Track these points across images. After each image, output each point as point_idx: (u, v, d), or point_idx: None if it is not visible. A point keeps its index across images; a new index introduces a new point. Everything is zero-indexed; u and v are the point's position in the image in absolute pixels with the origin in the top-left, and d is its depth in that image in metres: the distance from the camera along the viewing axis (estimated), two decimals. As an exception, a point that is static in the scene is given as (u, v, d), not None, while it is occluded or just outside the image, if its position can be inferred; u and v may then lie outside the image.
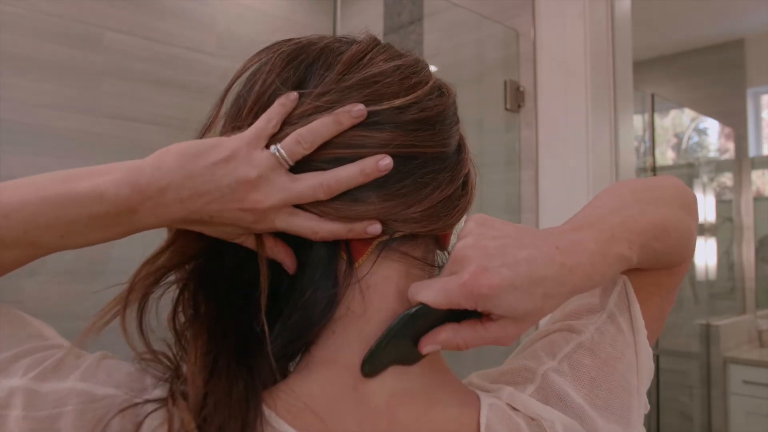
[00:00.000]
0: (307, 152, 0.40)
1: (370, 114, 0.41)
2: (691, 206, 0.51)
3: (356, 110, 0.40)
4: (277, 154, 0.39)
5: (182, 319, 0.43)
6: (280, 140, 0.40)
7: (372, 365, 0.40)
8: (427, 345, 0.40)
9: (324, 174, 0.40)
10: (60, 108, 1.15)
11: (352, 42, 0.45)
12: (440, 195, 0.43)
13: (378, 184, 0.41)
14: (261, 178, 0.39)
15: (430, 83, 0.44)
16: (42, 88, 1.13)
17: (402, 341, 0.40)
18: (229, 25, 1.44)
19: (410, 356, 0.41)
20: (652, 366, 0.49)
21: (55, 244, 0.39)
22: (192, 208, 0.38)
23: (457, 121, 0.47)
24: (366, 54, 0.43)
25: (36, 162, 1.12)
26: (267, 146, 0.40)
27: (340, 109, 0.40)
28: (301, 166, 0.40)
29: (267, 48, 0.45)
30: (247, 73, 0.45)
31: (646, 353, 0.48)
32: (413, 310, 0.40)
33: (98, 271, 1.09)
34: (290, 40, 0.45)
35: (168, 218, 0.39)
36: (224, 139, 0.39)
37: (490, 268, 0.37)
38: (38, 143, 1.12)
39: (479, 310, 0.38)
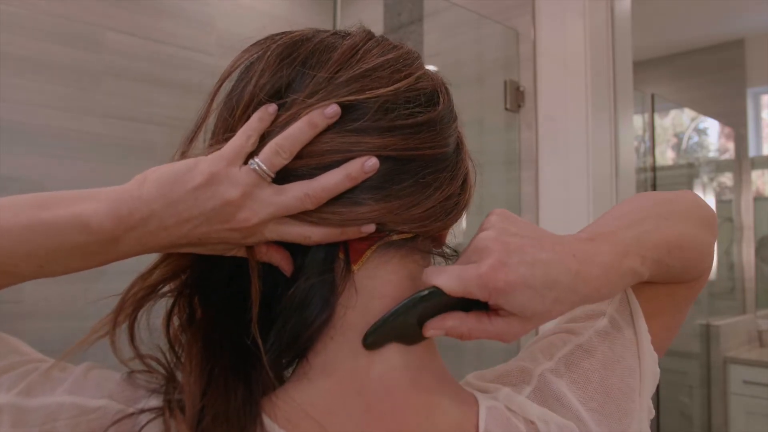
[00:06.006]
0: (288, 161, 0.38)
1: (358, 112, 0.39)
2: (710, 222, 0.51)
3: (329, 110, 0.39)
4: (257, 168, 0.38)
5: (176, 323, 0.42)
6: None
7: (375, 338, 0.40)
8: (432, 329, 0.40)
9: (309, 183, 0.38)
10: (60, 108, 1.15)
11: (345, 36, 0.43)
12: (441, 195, 0.42)
13: (378, 186, 0.40)
14: (245, 196, 0.37)
15: (417, 74, 0.43)
16: (42, 88, 1.13)
17: (407, 320, 0.40)
18: (228, 25, 1.44)
19: (412, 337, 0.41)
20: (657, 371, 0.48)
21: (33, 273, 0.38)
22: (178, 234, 0.38)
23: (455, 119, 0.46)
24: (358, 50, 0.42)
25: (36, 162, 1.11)
26: (245, 161, 0.38)
27: (313, 111, 0.39)
28: (291, 175, 0.39)
29: (258, 43, 0.44)
30: (240, 69, 0.43)
31: (650, 357, 0.48)
32: (425, 292, 0.40)
33: (100, 270, 1.09)
34: (283, 34, 0.44)
35: (154, 245, 0.38)
36: (201, 160, 0.38)
37: (509, 263, 0.37)
38: (38, 143, 1.12)
39: (491, 303, 0.39)
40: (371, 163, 0.39)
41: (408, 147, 0.40)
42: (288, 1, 1.76)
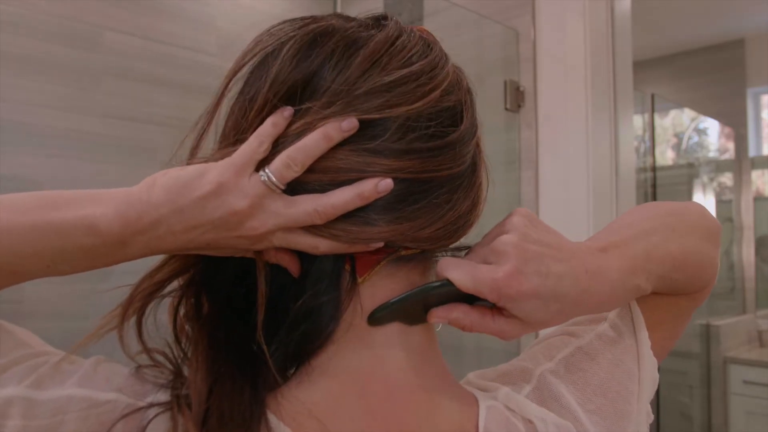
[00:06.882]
0: (299, 174, 0.37)
1: (376, 129, 0.38)
2: (715, 235, 0.51)
3: (346, 124, 0.37)
4: (267, 180, 0.37)
5: (182, 312, 0.42)
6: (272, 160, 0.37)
7: (380, 315, 0.41)
8: (436, 316, 0.41)
9: (320, 198, 0.37)
10: (60, 108, 1.15)
11: (372, 29, 0.41)
12: (453, 215, 0.41)
13: (390, 207, 0.39)
14: (253, 207, 0.37)
15: (442, 86, 0.41)
16: (42, 88, 1.13)
17: (415, 305, 0.41)
18: (229, 25, 1.44)
19: (416, 319, 0.42)
20: (656, 376, 0.49)
21: (40, 272, 0.38)
22: (185, 239, 0.37)
23: (476, 131, 0.44)
24: (382, 55, 0.40)
25: (36, 162, 1.11)
26: (257, 169, 0.38)
27: (329, 124, 0.37)
28: (302, 189, 0.38)
29: (273, 33, 0.41)
30: (253, 62, 0.41)
31: (650, 363, 0.48)
32: (437, 284, 0.40)
33: (104, 271, 1.09)
34: (303, 23, 0.41)
35: (162, 249, 0.38)
36: (211, 167, 0.37)
37: (525, 272, 0.38)
38: (38, 143, 1.12)
39: (498, 305, 0.39)
40: (385, 184, 0.38)
41: (425, 170, 0.39)
42: (288, 1, 1.76)
